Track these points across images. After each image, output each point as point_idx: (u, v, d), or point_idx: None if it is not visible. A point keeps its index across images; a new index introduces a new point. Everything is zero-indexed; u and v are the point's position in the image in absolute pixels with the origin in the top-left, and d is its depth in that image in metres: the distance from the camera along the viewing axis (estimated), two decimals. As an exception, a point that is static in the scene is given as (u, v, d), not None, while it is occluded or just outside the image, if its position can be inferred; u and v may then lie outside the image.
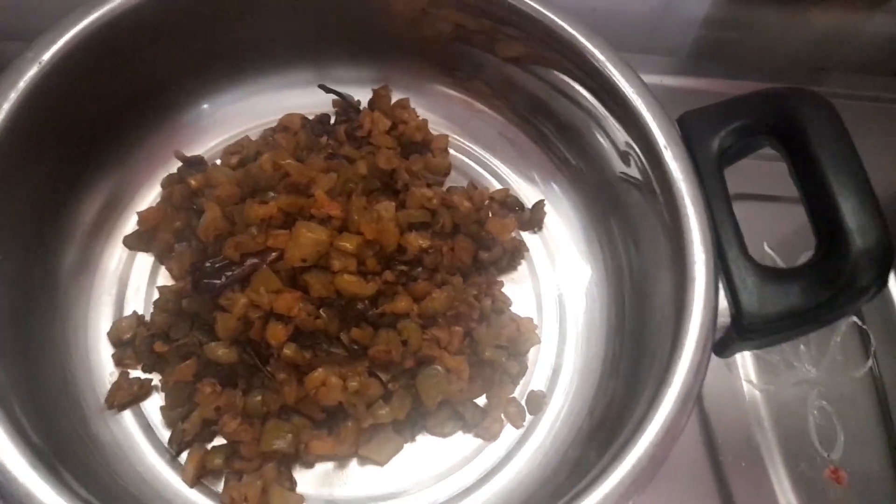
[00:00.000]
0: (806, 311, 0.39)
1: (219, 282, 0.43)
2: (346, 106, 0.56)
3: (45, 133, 0.41)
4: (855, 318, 0.62)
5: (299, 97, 0.57)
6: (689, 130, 0.45)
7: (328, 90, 0.56)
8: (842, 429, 0.58)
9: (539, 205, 0.55)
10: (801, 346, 0.61)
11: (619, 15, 0.77)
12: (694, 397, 0.37)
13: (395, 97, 0.57)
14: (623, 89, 0.45)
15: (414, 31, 0.55)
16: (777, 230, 0.66)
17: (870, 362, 0.60)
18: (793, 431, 0.58)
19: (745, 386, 0.59)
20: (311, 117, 0.56)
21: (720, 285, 0.40)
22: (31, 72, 0.39)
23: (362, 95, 0.57)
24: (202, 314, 0.45)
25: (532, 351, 0.51)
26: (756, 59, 0.82)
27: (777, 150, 0.44)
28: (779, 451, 0.57)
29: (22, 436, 0.32)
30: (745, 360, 0.60)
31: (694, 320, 0.38)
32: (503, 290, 0.51)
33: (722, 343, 0.41)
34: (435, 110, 0.58)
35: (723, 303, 0.40)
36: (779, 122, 0.43)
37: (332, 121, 0.56)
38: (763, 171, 0.53)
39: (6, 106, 0.38)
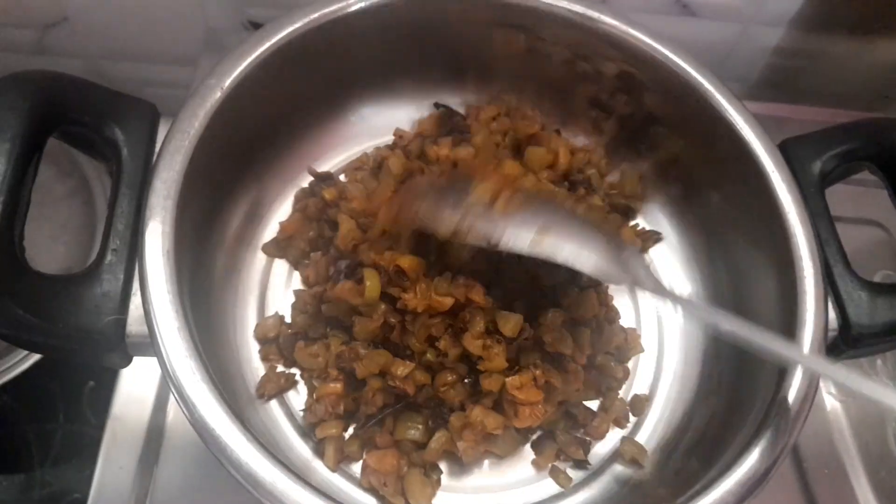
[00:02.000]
0: (912, 323, 0.42)
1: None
2: (450, 116, 0.60)
3: (216, 149, 0.46)
4: (929, 335, 0.65)
5: (404, 120, 0.61)
6: (791, 155, 0.49)
7: (440, 106, 0.61)
8: (919, 440, 0.61)
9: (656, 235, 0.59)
10: (878, 361, 0.65)
11: (695, 43, 0.80)
12: (810, 405, 0.40)
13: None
14: (730, 115, 0.49)
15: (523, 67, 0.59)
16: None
17: (945, 376, 0.63)
18: (873, 441, 0.61)
19: (827, 397, 0.62)
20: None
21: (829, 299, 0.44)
22: (215, 96, 0.44)
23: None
24: (341, 318, 0.49)
25: (633, 359, 0.55)
26: (822, 87, 0.85)
27: (876, 175, 0.47)
28: (860, 460, 0.60)
29: (222, 394, 0.37)
30: (825, 373, 0.64)
31: (807, 332, 0.42)
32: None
33: (829, 352, 0.44)
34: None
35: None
36: (880, 149, 0.47)
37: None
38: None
39: (196, 124, 0.43)
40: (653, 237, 0.58)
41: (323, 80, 0.57)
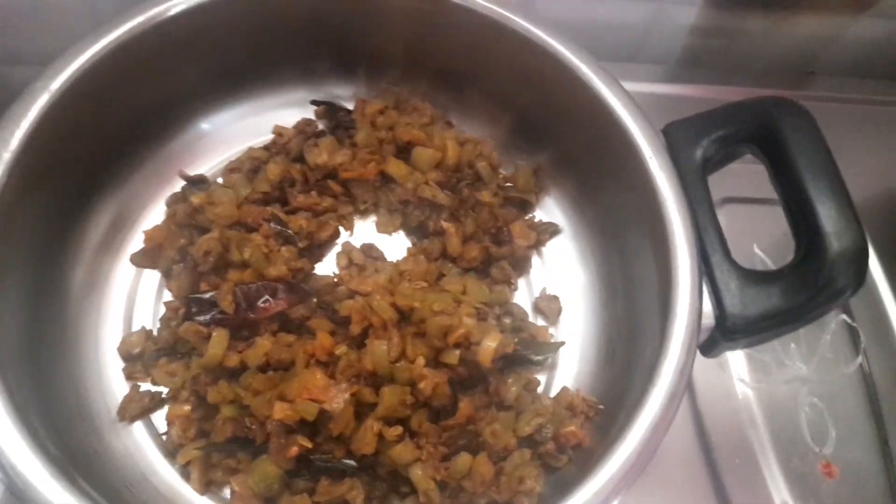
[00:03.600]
0: (786, 311, 0.40)
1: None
2: (334, 111, 0.58)
3: (54, 157, 0.43)
4: (844, 316, 0.63)
5: (292, 115, 0.58)
6: (674, 140, 0.46)
7: (319, 103, 0.58)
8: (833, 424, 0.60)
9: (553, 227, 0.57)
10: (792, 345, 0.63)
11: (610, 25, 0.79)
12: (680, 395, 0.39)
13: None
14: (609, 101, 0.47)
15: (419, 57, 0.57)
16: (767, 232, 0.68)
17: (859, 359, 0.62)
18: (785, 428, 0.59)
19: (738, 384, 0.61)
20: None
21: (704, 289, 0.42)
22: (42, 100, 0.41)
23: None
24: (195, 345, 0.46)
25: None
26: (745, 66, 0.83)
27: (758, 157, 0.45)
28: (771, 448, 0.58)
29: (41, 447, 0.34)
30: (737, 359, 0.62)
31: (679, 322, 0.40)
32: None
33: (708, 344, 0.43)
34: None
35: (707, 305, 0.42)
36: (758, 131, 0.45)
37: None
38: (753, 174, 0.54)
39: (18, 134, 0.40)
40: (549, 230, 0.56)
41: (195, 75, 0.53)
